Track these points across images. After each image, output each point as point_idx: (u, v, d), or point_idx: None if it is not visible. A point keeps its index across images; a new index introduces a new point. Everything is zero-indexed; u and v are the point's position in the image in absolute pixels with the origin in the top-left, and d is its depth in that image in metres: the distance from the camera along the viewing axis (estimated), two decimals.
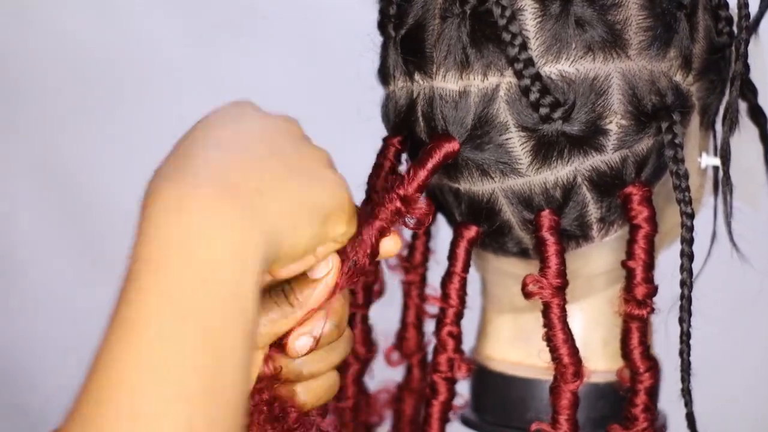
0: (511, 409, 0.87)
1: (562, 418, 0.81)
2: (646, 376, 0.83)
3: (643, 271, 0.82)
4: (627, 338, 0.83)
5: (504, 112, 0.79)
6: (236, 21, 1.80)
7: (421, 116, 0.82)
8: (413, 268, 0.92)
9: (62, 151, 1.81)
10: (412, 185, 0.80)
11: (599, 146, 0.80)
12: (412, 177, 0.80)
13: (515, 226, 0.83)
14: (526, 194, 0.81)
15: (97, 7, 1.79)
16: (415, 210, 0.80)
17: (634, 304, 0.82)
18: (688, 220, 0.81)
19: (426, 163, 0.80)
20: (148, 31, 1.79)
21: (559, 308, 0.81)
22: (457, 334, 0.86)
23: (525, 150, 0.80)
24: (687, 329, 0.82)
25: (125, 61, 1.80)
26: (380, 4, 0.86)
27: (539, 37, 0.79)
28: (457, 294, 0.85)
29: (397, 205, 0.80)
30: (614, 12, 0.79)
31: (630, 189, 0.82)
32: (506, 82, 0.79)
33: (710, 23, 0.84)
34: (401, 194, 0.80)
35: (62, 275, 1.76)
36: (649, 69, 0.80)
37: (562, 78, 0.79)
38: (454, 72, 0.80)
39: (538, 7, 0.79)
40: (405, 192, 0.80)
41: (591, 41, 0.79)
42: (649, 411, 0.83)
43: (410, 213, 0.80)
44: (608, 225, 0.83)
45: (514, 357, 0.88)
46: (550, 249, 0.81)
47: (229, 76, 1.80)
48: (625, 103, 0.80)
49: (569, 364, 0.81)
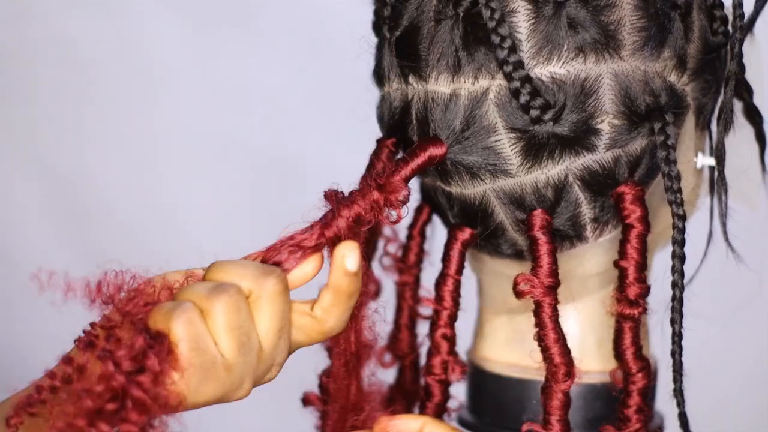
0: (507, 409, 0.87)
1: (553, 418, 0.81)
2: (639, 376, 0.83)
3: (636, 270, 0.82)
4: (619, 338, 0.83)
5: (493, 114, 0.79)
6: (236, 21, 1.80)
7: (416, 119, 0.82)
8: (407, 269, 0.92)
9: (62, 151, 1.81)
10: (392, 176, 0.79)
11: (590, 146, 0.80)
12: (391, 169, 0.79)
13: (509, 227, 0.83)
14: (517, 194, 0.81)
15: (97, 6, 1.79)
16: (391, 197, 0.79)
17: (626, 303, 0.82)
18: (680, 222, 0.81)
19: (408, 162, 0.80)
20: (148, 30, 1.79)
21: (550, 308, 0.81)
22: (451, 337, 0.86)
23: (515, 151, 0.80)
24: (679, 330, 0.82)
25: (125, 61, 1.80)
26: (375, 5, 0.86)
27: (531, 39, 0.79)
28: (450, 296, 0.85)
29: (375, 195, 0.78)
30: (608, 13, 0.79)
31: (623, 188, 0.81)
32: (496, 85, 0.79)
33: (705, 23, 0.84)
34: (379, 182, 0.79)
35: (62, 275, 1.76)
36: (642, 69, 0.80)
37: (553, 80, 0.79)
38: (447, 75, 0.80)
39: (532, 9, 0.79)
40: (383, 180, 0.79)
41: (583, 42, 0.79)
42: (642, 412, 0.82)
43: (388, 201, 0.79)
44: (602, 225, 0.83)
45: (509, 358, 0.88)
46: (542, 248, 0.81)
47: (228, 76, 1.80)
48: (617, 103, 0.80)
49: (560, 363, 0.81)
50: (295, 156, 1.78)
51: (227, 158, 1.80)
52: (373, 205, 0.78)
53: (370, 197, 0.78)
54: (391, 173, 0.79)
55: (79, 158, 1.81)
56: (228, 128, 1.80)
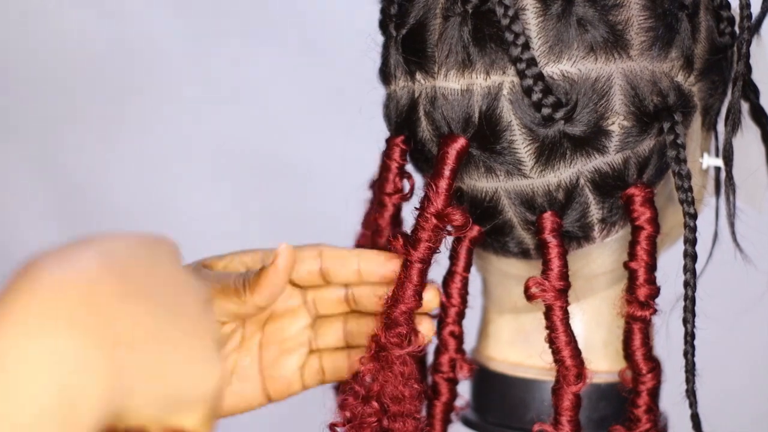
0: (512, 409, 0.87)
1: (564, 419, 0.81)
2: (649, 377, 0.83)
3: (646, 272, 0.82)
4: (629, 340, 0.83)
5: (508, 112, 0.79)
6: (239, 19, 1.80)
7: (424, 115, 0.82)
8: None
9: (62, 151, 1.81)
10: (440, 199, 0.81)
11: (601, 147, 0.80)
12: (435, 191, 0.80)
13: (517, 225, 0.83)
14: (528, 196, 0.81)
15: (97, 6, 1.79)
16: (453, 222, 0.81)
17: (636, 305, 0.82)
18: (691, 221, 0.81)
19: (443, 171, 0.81)
20: (148, 30, 1.79)
21: (561, 310, 0.81)
22: (459, 334, 0.86)
23: (528, 152, 0.80)
24: (691, 330, 0.82)
25: (126, 61, 1.80)
26: (382, 3, 0.86)
27: (541, 37, 0.79)
28: (459, 293, 0.85)
29: (434, 223, 0.80)
30: (616, 12, 0.79)
31: (632, 190, 0.81)
32: (509, 81, 0.79)
33: (712, 24, 0.84)
34: (433, 212, 0.80)
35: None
36: (650, 69, 0.80)
37: (564, 78, 0.79)
38: (456, 71, 0.80)
39: (540, 7, 0.79)
40: (436, 208, 0.81)
41: (593, 41, 0.79)
42: (652, 412, 0.83)
43: (449, 224, 0.81)
44: (610, 226, 0.83)
45: (514, 357, 0.88)
46: (552, 251, 0.81)
47: (229, 75, 1.80)
48: (627, 103, 0.80)
49: (572, 366, 0.81)
50: (296, 156, 1.78)
51: (228, 158, 1.79)
52: (437, 234, 0.81)
53: (429, 227, 0.81)
54: (435, 195, 0.81)
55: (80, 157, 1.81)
56: (229, 128, 1.80)
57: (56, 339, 0.55)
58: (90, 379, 0.56)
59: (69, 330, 0.56)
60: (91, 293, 0.58)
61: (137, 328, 0.59)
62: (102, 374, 0.57)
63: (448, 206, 0.81)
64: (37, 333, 0.55)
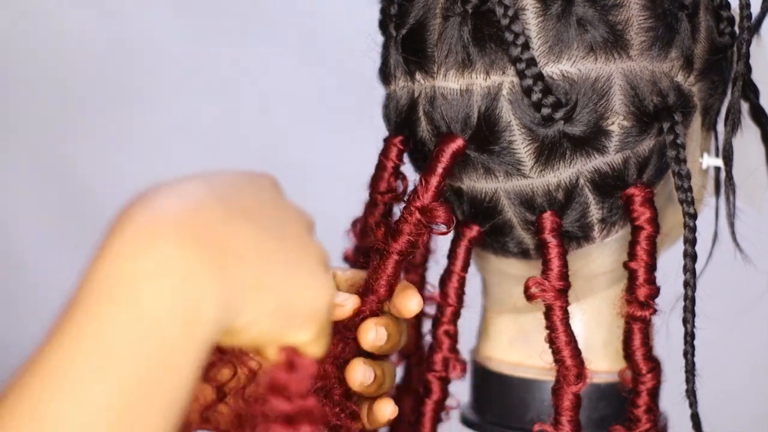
0: (512, 409, 0.87)
1: (564, 419, 0.81)
2: (649, 377, 0.83)
3: (646, 272, 0.82)
4: (629, 340, 0.83)
5: (507, 112, 0.79)
6: (239, 19, 1.80)
7: (423, 115, 0.82)
8: (413, 268, 0.92)
9: (62, 151, 1.81)
10: (428, 194, 0.80)
11: (601, 147, 0.80)
12: (425, 186, 0.80)
13: (516, 225, 0.83)
14: (528, 196, 0.81)
15: (97, 6, 1.79)
16: (437, 218, 0.81)
17: (636, 305, 0.82)
18: (691, 221, 0.81)
19: (435, 168, 0.80)
20: (149, 29, 1.79)
21: (561, 310, 0.81)
22: (454, 333, 0.86)
23: (528, 152, 0.80)
24: (691, 330, 0.82)
25: (126, 61, 1.80)
26: (381, 3, 0.86)
27: (541, 37, 0.79)
28: (455, 293, 0.85)
29: (417, 218, 0.80)
30: (615, 12, 0.79)
31: (632, 190, 0.81)
32: (509, 81, 0.79)
33: (712, 24, 0.84)
34: (419, 206, 0.80)
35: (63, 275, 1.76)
36: (650, 69, 0.80)
37: (564, 78, 0.79)
38: (456, 71, 0.80)
39: (540, 7, 0.79)
40: (422, 203, 0.80)
41: (592, 41, 0.79)
42: (652, 412, 0.83)
43: (432, 222, 0.81)
44: (609, 226, 0.83)
45: (513, 357, 0.88)
46: (552, 251, 0.81)
47: (229, 75, 1.80)
48: (626, 103, 0.80)
49: (572, 366, 0.81)
50: (295, 155, 1.78)
51: (228, 158, 1.80)
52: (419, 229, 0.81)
53: (412, 221, 0.80)
54: (424, 190, 0.80)
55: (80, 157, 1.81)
56: (229, 128, 1.80)
57: (165, 248, 0.60)
58: (203, 281, 0.61)
59: (178, 239, 0.61)
60: (197, 211, 0.63)
61: (244, 243, 0.64)
62: (214, 278, 0.61)
63: (434, 202, 0.81)
64: (148, 245, 0.60)
